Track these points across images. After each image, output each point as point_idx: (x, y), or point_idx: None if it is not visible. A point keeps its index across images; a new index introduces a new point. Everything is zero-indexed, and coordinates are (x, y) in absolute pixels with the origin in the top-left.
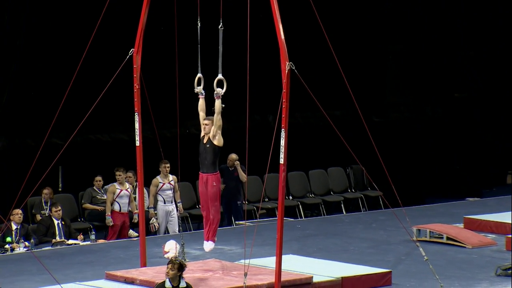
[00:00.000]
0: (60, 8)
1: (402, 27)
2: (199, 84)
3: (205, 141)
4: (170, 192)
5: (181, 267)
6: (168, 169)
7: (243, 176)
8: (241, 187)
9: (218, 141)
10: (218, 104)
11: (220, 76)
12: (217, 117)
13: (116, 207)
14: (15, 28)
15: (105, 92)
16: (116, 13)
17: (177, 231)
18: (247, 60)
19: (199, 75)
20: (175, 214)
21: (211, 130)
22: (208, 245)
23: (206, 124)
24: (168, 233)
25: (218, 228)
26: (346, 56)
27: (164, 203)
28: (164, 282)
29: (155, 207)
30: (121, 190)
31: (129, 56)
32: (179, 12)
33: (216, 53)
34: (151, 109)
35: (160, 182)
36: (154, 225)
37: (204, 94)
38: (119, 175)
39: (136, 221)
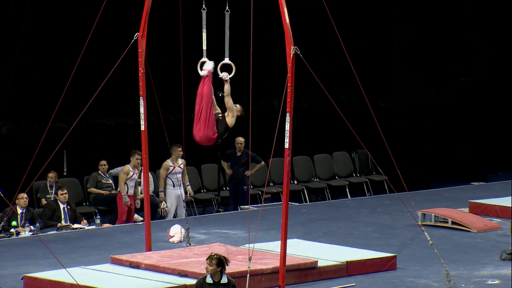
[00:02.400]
0: None
1: (408, 11)
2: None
3: (219, 115)
4: (180, 176)
5: (220, 262)
6: (180, 154)
7: (259, 166)
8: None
9: (230, 120)
10: (226, 87)
11: (227, 60)
12: (226, 99)
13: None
14: (20, 12)
15: (110, 76)
16: None
17: (183, 215)
18: (251, 44)
19: (204, 59)
20: (184, 197)
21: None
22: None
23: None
24: (176, 216)
25: (223, 213)
26: (352, 40)
27: (174, 186)
28: (205, 277)
29: (164, 191)
30: (133, 174)
31: (134, 40)
32: None
33: (221, 37)
34: (156, 93)
35: (170, 166)
36: (165, 210)
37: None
38: (137, 159)
39: (138, 206)
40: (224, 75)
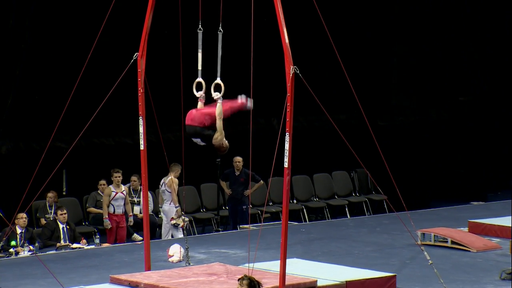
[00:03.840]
0: (64, 12)
1: (407, 30)
2: (199, 89)
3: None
4: None
5: (251, 284)
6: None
7: (257, 185)
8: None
9: (215, 137)
10: (217, 107)
11: (218, 80)
12: (217, 122)
13: (110, 209)
14: (20, 31)
15: (109, 96)
16: (120, 17)
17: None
18: (251, 63)
19: (199, 79)
20: None
21: (215, 136)
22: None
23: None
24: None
25: (222, 232)
26: (351, 59)
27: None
28: None
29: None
30: (117, 193)
31: (133, 60)
32: (183, 16)
33: (223, 57)
34: (155, 112)
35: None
36: (186, 223)
37: (205, 98)
38: (118, 177)
39: (131, 224)
40: (216, 95)
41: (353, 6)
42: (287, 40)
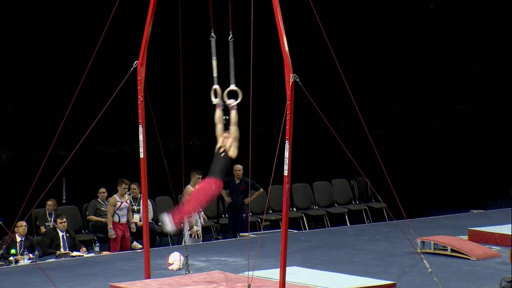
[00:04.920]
0: (64, 20)
1: (406, 38)
2: (216, 96)
3: (221, 151)
4: None
5: None
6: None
7: (257, 193)
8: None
9: (232, 152)
10: (234, 114)
11: (233, 86)
12: (233, 128)
13: (116, 218)
14: (20, 40)
15: (109, 104)
16: (121, 25)
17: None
18: (251, 71)
19: (215, 86)
20: None
21: (228, 142)
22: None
23: (226, 137)
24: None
25: (222, 240)
26: (351, 67)
27: None
28: None
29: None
30: (122, 203)
31: (133, 68)
32: (183, 24)
33: (226, 65)
34: (155, 121)
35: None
36: (197, 234)
37: (223, 105)
38: (124, 188)
39: (134, 230)
40: (231, 102)
41: (353, 14)
42: (286, 48)
